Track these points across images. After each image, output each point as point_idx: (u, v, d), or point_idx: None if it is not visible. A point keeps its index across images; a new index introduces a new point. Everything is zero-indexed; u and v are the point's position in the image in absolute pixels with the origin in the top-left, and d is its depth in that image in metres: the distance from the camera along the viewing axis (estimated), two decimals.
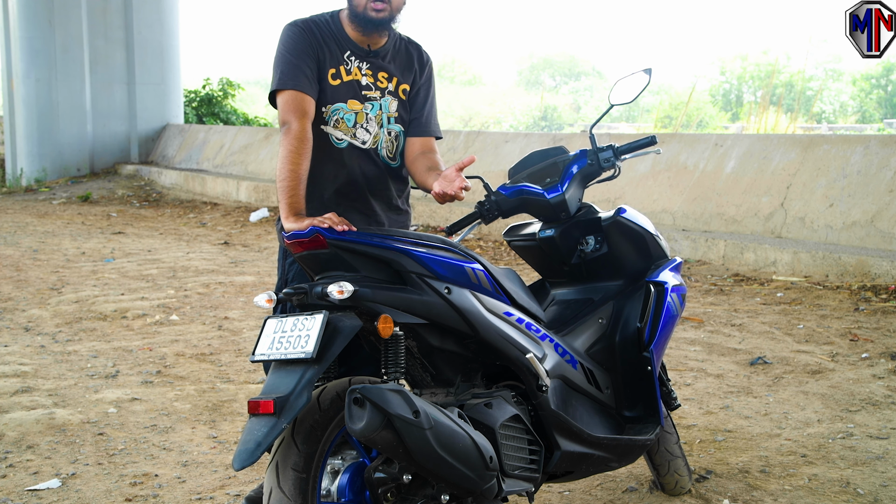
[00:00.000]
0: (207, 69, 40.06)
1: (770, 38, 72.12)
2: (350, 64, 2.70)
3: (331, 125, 2.70)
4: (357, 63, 2.71)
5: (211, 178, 13.55)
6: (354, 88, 2.70)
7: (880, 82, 44.95)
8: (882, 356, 4.70)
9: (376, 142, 2.74)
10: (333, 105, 2.69)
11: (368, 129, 2.72)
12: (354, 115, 2.70)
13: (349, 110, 2.70)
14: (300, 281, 2.73)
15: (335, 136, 2.70)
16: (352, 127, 2.71)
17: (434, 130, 2.86)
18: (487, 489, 2.21)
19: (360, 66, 2.71)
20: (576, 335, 2.74)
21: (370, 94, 2.72)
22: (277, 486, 2.09)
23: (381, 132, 2.75)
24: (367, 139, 2.73)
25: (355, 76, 2.70)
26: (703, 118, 33.18)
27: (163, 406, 4.09)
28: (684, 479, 3.05)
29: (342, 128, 2.70)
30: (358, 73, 2.71)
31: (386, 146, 2.76)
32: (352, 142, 2.71)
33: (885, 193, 6.83)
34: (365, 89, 2.71)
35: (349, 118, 2.70)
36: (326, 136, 2.70)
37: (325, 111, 2.68)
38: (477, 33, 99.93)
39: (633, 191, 8.52)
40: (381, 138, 2.75)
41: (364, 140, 2.72)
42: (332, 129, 2.70)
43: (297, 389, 2.03)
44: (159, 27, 16.37)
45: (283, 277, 2.81)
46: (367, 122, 2.72)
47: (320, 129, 2.69)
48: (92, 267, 7.82)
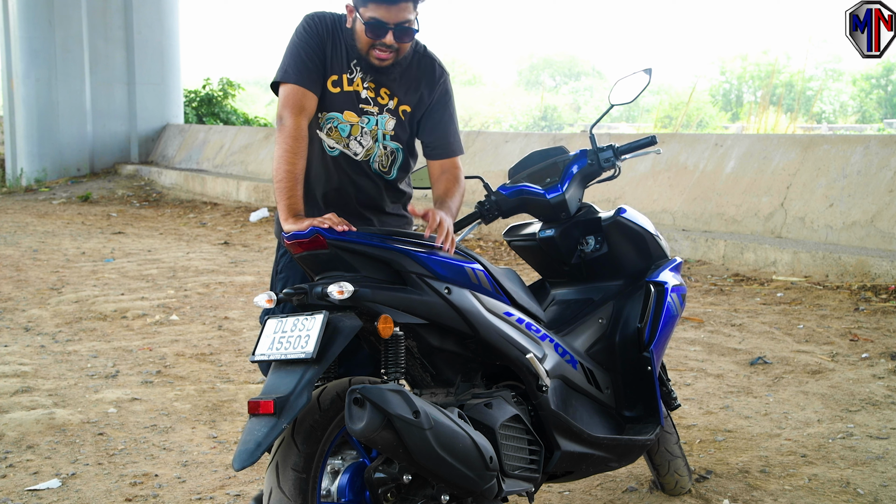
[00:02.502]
0: (207, 69, 40.06)
1: (770, 38, 72.12)
2: (353, 74, 2.63)
3: (324, 132, 2.66)
4: (360, 74, 2.64)
5: (211, 178, 13.55)
6: (352, 100, 2.64)
7: (880, 82, 44.95)
8: (882, 356, 4.70)
9: (369, 155, 2.69)
10: (329, 113, 2.65)
11: (362, 142, 2.68)
12: (349, 126, 2.65)
13: (344, 121, 2.65)
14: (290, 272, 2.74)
15: (328, 143, 2.67)
16: (345, 137, 2.66)
17: (455, 150, 2.75)
18: (487, 489, 2.21)
19: (362, 79, 2.64)
20: (576, 335, 2.74)
21: (367, 109, 2.66)
22: (277, 486, 2.09)
23: (375, 146, 2.69)
24: (360, 152, 2.68)
25: (356, 87, 2.64)
26: (703, 118, 33.18)
27: (163, 406, 4.09)
28: (684, 479, 3.05)
29: (335, 136, 2.67)
30: (359, 85, 2.64)
31: (379, 160, 2.70)
32: (344, 151, 2.67)
33: (885, 193, 6.83)
34: (363, 103, 2.65)
35: (343, 128, 2.66)
36: (320, 141, 2.67)
37: (320, 117, 2.65)
38: (477, 33, 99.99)
39: (633, 191, 8.52)
40: (374, 152, 2.69)
41: (356, 152, 2.67)
42: (324, 136, 2.67)
43: (297, 389, 2.03)
44: (159, 27, 16.38)
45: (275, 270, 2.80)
46: (362, 136, 2.67)
47: (315, 132, 2.66)
48: (92, 267, 7.82)
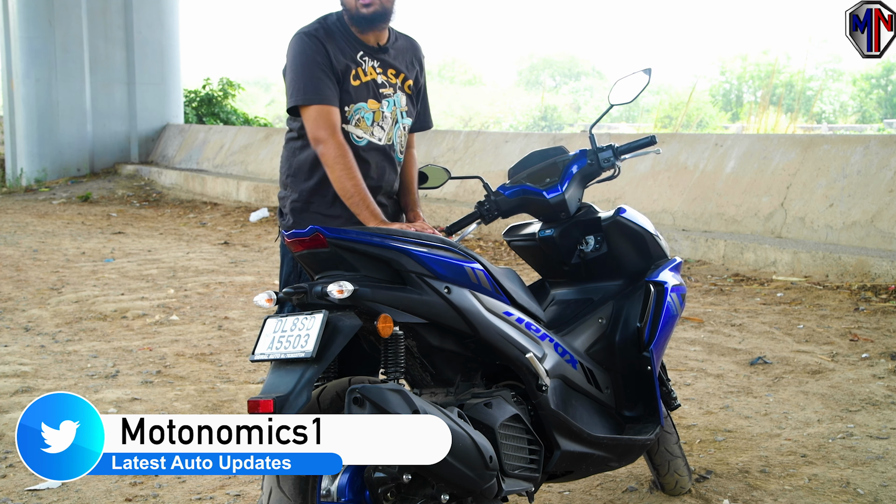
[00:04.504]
0: (207, 69, 40.08)
1: (770, 38, 72.12)
2: (365, 64, 2.76)
3: (352, 124, 2.76)
4: (371, 63, 2.78)
5: (211, 178, 13.54)
6: (373, 88, 2.77)
7: (880, 82, 44.95)
8: (882, 356, 4.70)
9: (391, 138, 2.82)
10: (356, 104, 2.76)
11: (383, 125, 2.80)
12: (373, 113, 2.77)
13: (369, 109, 2.77)
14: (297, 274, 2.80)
15: (356, 134, 2.77)
16: (370, 125, 2.78)
17: (430, 123, 3.04)
18: (487, 489, 2.21)
19: (373, 66, 2.78)
20: (576, 335, 2.74)
21: (385, 92, 2.80)
22: (277, 486, 2.09)
23: (394, 128, 2.83)
24: (383, 136, 2.80)
25: (371, 76, 2.77)
26: (703, 118, 33.19)
27: (163, 406, 4.09)
28: (684, 479, 3.05)
29: (363, 126, 2.77)
30: (373, 72, 2.78)
31: (399, 141, 2.86)
32: (370, 139, 2.78)
33: (885, 193, 6.83)
34: (381, 87, 2.79)
35: (368, 117, 2.77)
36: (347, 135, 2.75)
37: (347, 110, 2.74)
38: (477, 33, 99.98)
39: (633, 191, 8.52)
40: (394, 134, 2.83)
41: (380, 137, 2.79)
42: (353, 128, 2.76)
43: (297, 389, 2.03)
44: (159, 27, 16.37)
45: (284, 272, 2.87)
46: (383, 120, 2.79)
47: (342, 127, 2.74)
48: (92, 267, 7.82)
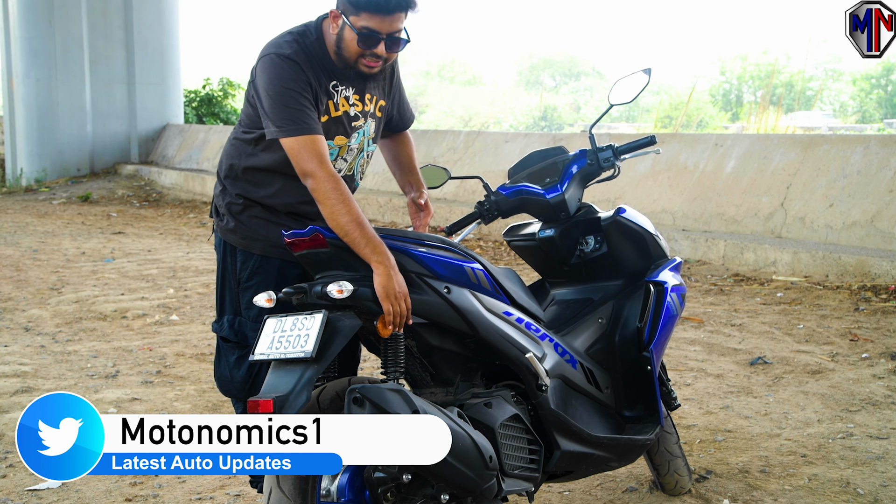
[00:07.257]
0: (207, 69, 40.03)
1: (770, 38, 72.07)
2: (337, 96, 2.54)
3: None
4: (344, 92, 2.55)
5: (211, 178, 13.54)
6: (343, 124, 2.57)
7: (880, 82, 44.98)
8: (882, 356, 4.70)
9: (352, 167, 2.65)
10: None
11: (347, 158, 2.62)
12: (338, 149, 2.59)
13: (334, 146, 2.57)
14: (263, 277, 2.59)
15: None
16: (334, 160, 2.58)
17: (412, 118, 2.89)
18: (487, 489, 2.21)
19: (346, 96, 2.55)
20: (575, 335, 2.74)
21: (357, 124, 2.60)
22: (277, 486, 2.09)
23: (358, 157, 2.65)
24: (344, 167, 2.63)
25: (343, 108, 2.55)
26: (703, 118, 33.22)
27: (163, 406, 4.09)
28: (684, 479, 3.05)
29: None
30: (345, 104, 2.56)
31: (361, 168, 2.69)
32: None
33: (885, 193, 6.83)
34: (353, 121, 2.59)
35: (333, 153, 2.58)
36: None
37: None
38: (477, 33, 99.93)
39: (633, 191, 8.52)
40: (356, 163, 2.66)
41: (341, 168, 2.62)
42: None
43: (297, 389, 2.04)
44: (159, 27, 16.37)
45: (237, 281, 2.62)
46: (348, 153, 2.62)
47: None
48: (92, 267, 7.82)
